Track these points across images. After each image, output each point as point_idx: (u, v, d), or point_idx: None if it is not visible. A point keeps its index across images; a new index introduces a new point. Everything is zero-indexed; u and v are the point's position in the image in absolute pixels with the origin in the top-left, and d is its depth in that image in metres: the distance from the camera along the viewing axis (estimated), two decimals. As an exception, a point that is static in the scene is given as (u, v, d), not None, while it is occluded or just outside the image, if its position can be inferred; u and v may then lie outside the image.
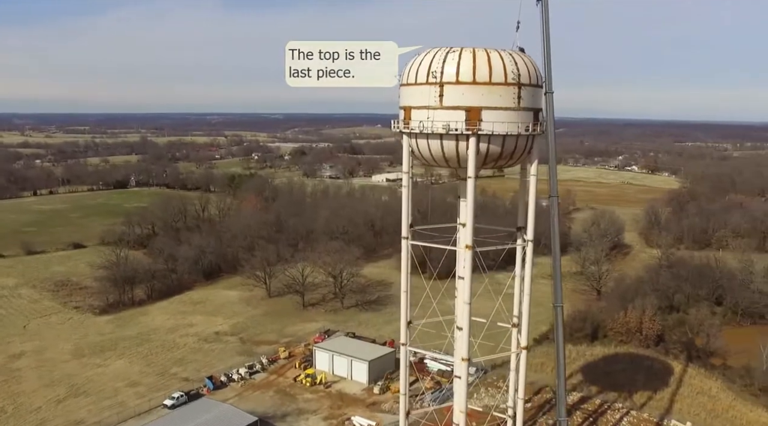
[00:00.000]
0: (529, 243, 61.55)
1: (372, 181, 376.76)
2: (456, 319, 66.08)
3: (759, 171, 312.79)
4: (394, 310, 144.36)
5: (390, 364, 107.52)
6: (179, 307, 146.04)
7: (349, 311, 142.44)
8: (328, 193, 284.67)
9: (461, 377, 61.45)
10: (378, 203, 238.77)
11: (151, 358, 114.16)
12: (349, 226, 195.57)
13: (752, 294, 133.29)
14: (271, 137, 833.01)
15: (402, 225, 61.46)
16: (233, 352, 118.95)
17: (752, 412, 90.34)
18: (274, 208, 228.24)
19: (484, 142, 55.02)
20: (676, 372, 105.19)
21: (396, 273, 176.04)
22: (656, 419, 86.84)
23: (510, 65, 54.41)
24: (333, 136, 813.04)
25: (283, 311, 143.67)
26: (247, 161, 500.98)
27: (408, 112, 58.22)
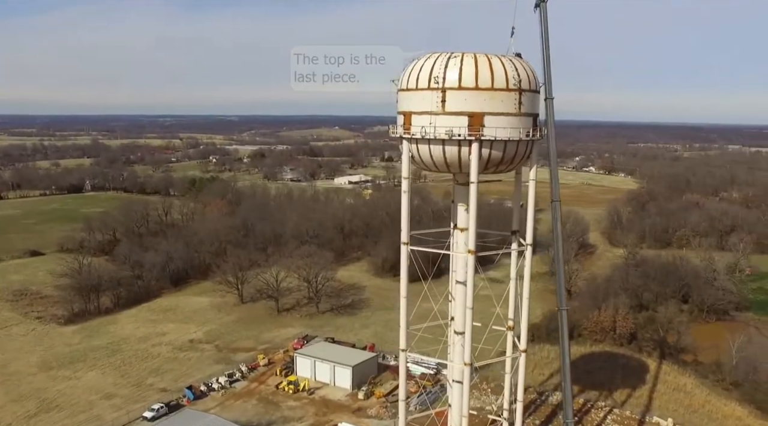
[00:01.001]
0: (528, 247, 62.30)
1: (335, 183, 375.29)
2: (454, 324, 66.15)
3: (710, 171, 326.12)
4: (369, 313, 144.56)
5: (372, 368, 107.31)
6: (149, 315, 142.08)
7: (325, 316, 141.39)
8: (292, 197, 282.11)
9: (463, 382, 61.68)
10: (345, 206, 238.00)
11: (124, 368, 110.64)
12: (318, 229, 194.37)
13: (716, 291, 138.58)
14: (228, 140, 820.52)
15: (402, 230, 61.34)
16: (210, 360, 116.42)
17: (726, 406, 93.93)
18: (239, 212, 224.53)
19: (486, 148, 55.53)
20: (651, 369, 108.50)
21: (367, 276, 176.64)
22: (638, 416, 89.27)
23: (511, 71, 55.13)
24: (291, 139, 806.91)
25: (258, 317, 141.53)
26: (206, 164, 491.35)
27: (408, 117, 58.24)
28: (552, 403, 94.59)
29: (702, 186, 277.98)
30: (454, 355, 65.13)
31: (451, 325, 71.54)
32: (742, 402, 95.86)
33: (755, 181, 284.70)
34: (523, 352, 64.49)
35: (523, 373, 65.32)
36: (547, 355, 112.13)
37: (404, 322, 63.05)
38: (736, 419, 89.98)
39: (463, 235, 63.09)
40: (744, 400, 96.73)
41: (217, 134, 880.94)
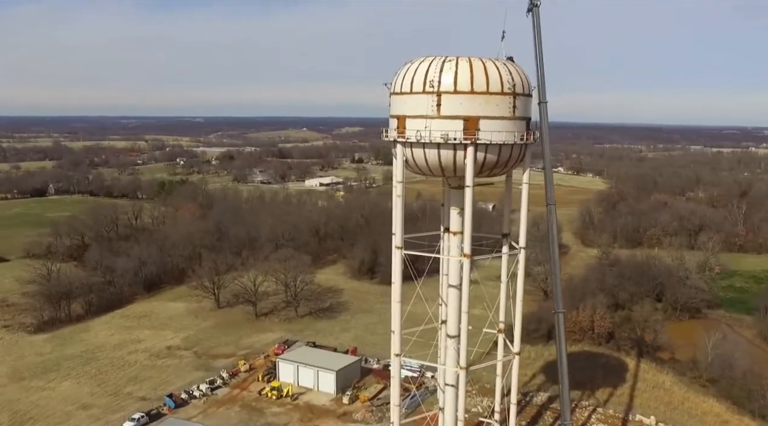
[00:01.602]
0: (522, 250, 62.75)
1: (306, 185, 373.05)
2: (446, 327, 66.19)
3: (676, 171, 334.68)
4: (349, 317, 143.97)
5: (356, 372, 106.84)
6: (123, 322, 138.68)
7: (304, 320, 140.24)
8: (265, 200, 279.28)
9: (459, 386, 61.73)
10: (319, 209, 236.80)
11: (101, 377, 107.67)
12: (293, 232, 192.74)
13: (689, 290, 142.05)
14: (195, 141, 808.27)
15: (395, 235, 61.11)
16: (189, 367, 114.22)
17: (705, 402, 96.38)
18: (211, 216, 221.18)
19: (481, 152, 55.77)
20: (630, 367, 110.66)
21: (344, 279, 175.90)
22: (621, 415, 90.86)
23: (506, 75, 55.49)
24: (259, 140, 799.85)
25: (236, 322, 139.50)
26: (173, 167, 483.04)
27: (402, 120, 58.11)
28: (536, 403, 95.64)
29: (669, 186, 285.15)
30: (447, 358, 65.07)
31: (441, 329, 71.53)
32: (719, 398, 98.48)
33: (720, 182, 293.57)
34: (516, 354, 64.84)
35: (516, 376, 65.73)
36: (528, 355, 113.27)
37: (398, 327, 62.74)
38: (714, 415, 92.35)
39: (456, 238, 63.17)
40: (721, 396, 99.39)
41: (183, 136, 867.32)
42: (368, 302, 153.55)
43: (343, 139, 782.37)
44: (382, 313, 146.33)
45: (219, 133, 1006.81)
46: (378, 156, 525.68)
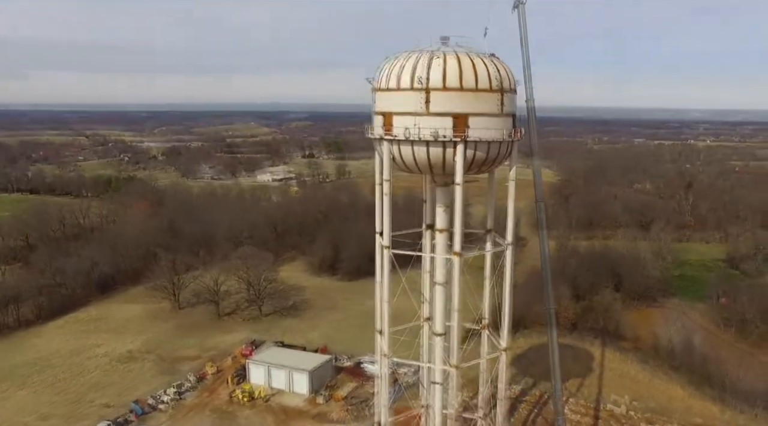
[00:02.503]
0: (509, 246, 63.22)
1: (258, 180, 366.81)
2: (433, 325, 66.16)
3: (624, 163, 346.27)
4: (314, 314, 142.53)
5: (328, 372, 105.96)
6: (78, 326, 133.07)
7: (269, 319, 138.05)
8: (217, 195, 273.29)
9: (450, 385, 61.85)
10: (276, 205, 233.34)
11: (59, 385, 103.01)
12: (251, 229, 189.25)
13: (645, 279, 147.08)
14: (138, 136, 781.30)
15: (383, 235, 60.36)
16: (153, 371, 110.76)
17: (669, 388, 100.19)
18: (164, 214, 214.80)
19: (470, 149, 55.65)
20: (596, 357, 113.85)
21: (306, 276, 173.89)
22: (593, 404, 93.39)
23: (493, 71, 55.54)
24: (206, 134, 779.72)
25: (198, 323, 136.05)
26: (117, 163, 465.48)
27: (388, 117, 57.34)
28: (509, 396, 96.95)
29: (617, 178, 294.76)
30: (435, 356, 65.10)
31: (424, 326, 71.52)
32: (682, 384, 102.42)
33: (665, 173, 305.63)
34: (503, 350, 65.47)
35: (504, 372, 66.35)
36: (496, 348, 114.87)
37: (386, 327, 62.24)
38: (679, 400, 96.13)
39: (443, 236, 63.07)
40: (683, 381, 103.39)
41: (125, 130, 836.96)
42: (332, 299, 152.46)
43: (292, 133, 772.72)
44: (348, 309, 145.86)
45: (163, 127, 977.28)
46: (329, 150, 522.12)
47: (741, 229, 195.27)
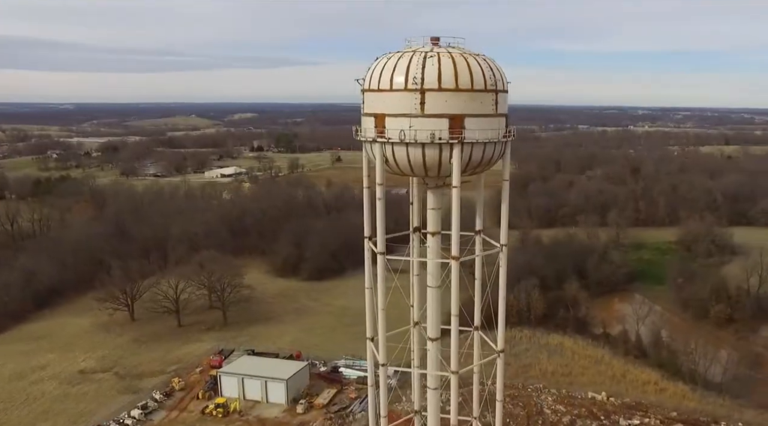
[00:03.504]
0: (504, 248, 62.58)
1: (206, 177, 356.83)
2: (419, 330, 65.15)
3: (574, 152, 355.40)
4: (282, 318, 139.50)
5: (305, 379, 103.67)
6: (17, 346, 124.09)
7: (235, 325, 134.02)
8: (164, 195, 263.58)
9: (452, 391, 60.87)
10: (231, 203, 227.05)
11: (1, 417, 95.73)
12: (207, 230, 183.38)
13: (607, 266, 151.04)
14: (66, 131, 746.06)
15: (377, 240, 58.45)
16: (113, 391, 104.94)
17: (643, 373, 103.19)
18: (108, 216, 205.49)
19: (466, 150, 54.55)
20: (569, 345, 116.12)
21: (269, 277, 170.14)
22: (574, 393, 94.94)
23: (488, 71, 54.40)
24: (143, 129, 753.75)
25: (158, 334, 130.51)
26: (44, 160, 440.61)
27: (381, 119, 55.39)
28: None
29: (570, 166, 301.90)
30: (430, 362, 64.08)
31: (414, 331, 70.32)
32: (653, 368, 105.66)
33: (613, 160, 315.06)
34: (499, 352, 64.98)
35: (501, 374, 65.96)
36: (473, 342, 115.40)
37: (382, 335, 60.54)
38: (653, 384, 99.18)
39: (435, 239, 61.81)
40: (654, 366, 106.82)
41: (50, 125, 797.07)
42: (299, 301, 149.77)
43: (237, 126, 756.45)
44: (317, 311, 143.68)
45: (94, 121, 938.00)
46: (279, 144, 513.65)
47: (690, 212, 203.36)
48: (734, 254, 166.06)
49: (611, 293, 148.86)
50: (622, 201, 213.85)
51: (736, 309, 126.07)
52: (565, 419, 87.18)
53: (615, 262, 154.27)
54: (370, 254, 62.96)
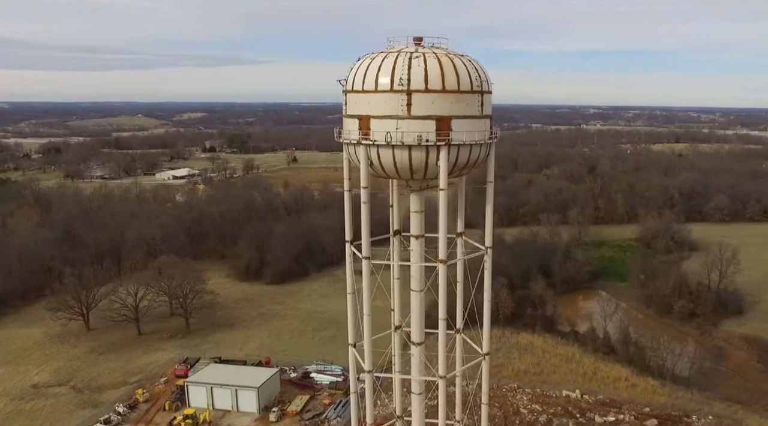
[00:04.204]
0: (489, 250, 63.03)
1: (158, 179, 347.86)
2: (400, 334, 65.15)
3: (531, 150, 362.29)
4: (247, 324, 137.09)
5: (276, 386, 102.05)
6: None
7: (199, 333, 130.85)
8: (115, 197, 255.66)
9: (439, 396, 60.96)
10: (186, 206, 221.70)
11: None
12: (164, 234, 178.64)
13: (572, 264, 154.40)
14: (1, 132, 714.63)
15: (363, 245, 57.97)
16: (70, 406, 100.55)
17: (613, 369, 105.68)
18: (56, 221, 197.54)
19: (453, 152, 54.67)
20: (539, 344, 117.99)
21: (231, 281, 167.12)
22: (548, 392, 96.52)
23: (473, 72, 54.62)
24: (86, 129, 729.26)
25: (116, 344, 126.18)
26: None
27: (365, 121, 54.94)
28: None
29: (527, 165, 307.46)
30: (413, 367, 64.00)
31: (395, 335, 70.09)
32: (623, 364, 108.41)
33: (570, 158, 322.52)
34: (485, 355, 65.43)
35: (487, 377, 66.35)
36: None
37: (368, 341, 60.10)
38: (624, 380, 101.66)
39: (418, 242, 61.85)
40: (623, 362, 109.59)
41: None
42: (263, 305, 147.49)
43: (187, 127, 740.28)
44: (283, 315, 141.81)
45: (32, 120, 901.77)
46: (232, 144, 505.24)
47: (648, 209, 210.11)
48: (692, 250, 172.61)
49: (576, 291, 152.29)
50: (582, 199, 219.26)
51: (697, 304, 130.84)
52: (542, 418, 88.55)
53: (579, 260, 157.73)
54: (352, 259, 62.60)
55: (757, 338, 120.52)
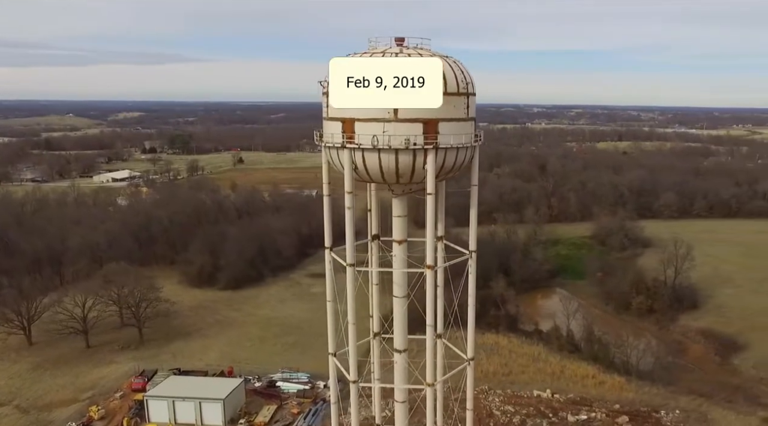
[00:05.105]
0: (473, 254, 63.11)
1: (95, 182, 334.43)
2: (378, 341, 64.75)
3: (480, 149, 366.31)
4: (204, 332, 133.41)
5: (241, 397, 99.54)
6: None
7: (153, 343, 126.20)
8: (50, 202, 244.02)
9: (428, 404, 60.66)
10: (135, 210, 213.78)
11: None
12: (110, 240, 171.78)
13: (530, 262, 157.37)
14: None
15: (347, 251, 56.93)
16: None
17: (580, 367, 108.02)
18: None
19: (440, 156, 54.48)
20: (504, 344, 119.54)
21: (183, 288, 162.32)
22: (519, 392, 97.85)
23: (459, 74, 54.58)
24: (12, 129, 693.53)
25: (63, 359, 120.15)
26: None
27: (349, 124, 54.13)
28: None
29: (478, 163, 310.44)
30: (396, 375, 63.60)
31: (374, 342, 69.43)
32: (588, 361, 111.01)
33: (520, 157, 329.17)
34: (470, 360, 65.59)
35: (471, 382, 66.49)
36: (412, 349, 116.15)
37: (353, 350, 59.18)
38: (592, 378, 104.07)
39: (402, 248, 61.52)
40: (589, 359, 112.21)
41: None
42: (220, 312, 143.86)
43: (123, 126, 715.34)
44: (241, 322, 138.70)
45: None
46: (173, 145, 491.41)
47: (600, 207, 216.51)
48: (645, 247, 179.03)
49: (535, 290, 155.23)
50: (536, 198, 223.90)
51: (655, 300, 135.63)
52: (515, 419, 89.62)
53: (537, 259, 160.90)
54: (332, 266, 61.59)
55: (712, 332, 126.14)
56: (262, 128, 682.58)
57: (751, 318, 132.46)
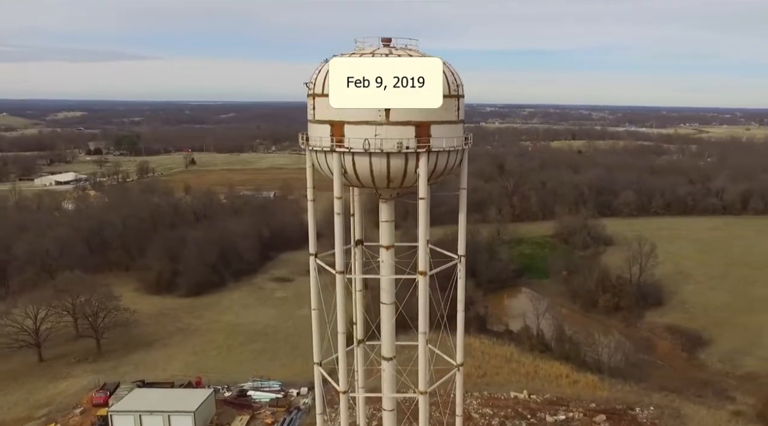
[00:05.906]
0: (462, 258, 63.07)
1: (37, 185, 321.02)
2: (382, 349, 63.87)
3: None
4: (166, 341, 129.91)
5: (212, 408, 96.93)
6: None
7: (111, 354, 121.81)
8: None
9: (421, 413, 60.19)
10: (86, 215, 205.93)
11: None
12: (61, 247, 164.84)
13: (498, 263, 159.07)
14: None
15: (336, 257, 55.98)
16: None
17: (553, 367, 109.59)
18: None
19: (432, 159, 54.16)
20: (476, 346, 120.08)
21: (140, 295, 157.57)
22: (496, 394, 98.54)
23: (449, 76, 54.35)
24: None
25: (13, 374, 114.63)
26: None
27: (339, 127, 53.20)
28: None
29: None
30: (384, 383, 63.07)
31: (357, 349, 68.69)
32: (560, 361, 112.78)
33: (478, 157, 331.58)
34: (459, 366, 65.55)
35: (461, 388, 66.38)
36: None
37: (343, 359, 58.19)
38: (565, 377, 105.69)
39: (389, 253, 61.01)
40: (561, 358, 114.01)
41: None
42: (182, 320, 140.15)
43: (64, 126, 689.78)
44: (204, 330, 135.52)
45: None
46: (120, 146, 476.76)
47: (561, 206, 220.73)
48: (607, 245, 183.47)
49: (502, 290, 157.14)
50: (497, 198, 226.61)
51: (621, 297, 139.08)
52: (494, 422, 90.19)
53: (503, 259, 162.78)
54: (317, 272, 60.56)
55: (678, 328, 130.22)
56: (213, 128, 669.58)
57: (712, 313, 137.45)
